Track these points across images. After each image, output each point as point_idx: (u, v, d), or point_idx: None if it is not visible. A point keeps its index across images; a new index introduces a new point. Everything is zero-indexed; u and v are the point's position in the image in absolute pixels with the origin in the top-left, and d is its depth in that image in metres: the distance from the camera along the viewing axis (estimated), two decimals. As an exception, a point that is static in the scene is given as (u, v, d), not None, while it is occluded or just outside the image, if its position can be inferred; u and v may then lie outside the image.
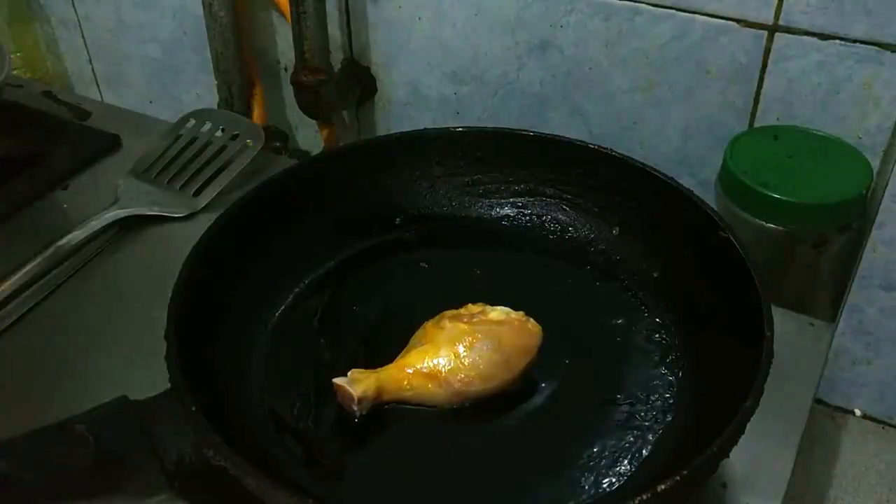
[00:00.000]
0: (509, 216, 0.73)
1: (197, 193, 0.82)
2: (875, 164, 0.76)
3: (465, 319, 0.60)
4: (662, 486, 0.45)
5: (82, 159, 0.87)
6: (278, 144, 1.09)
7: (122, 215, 0.78)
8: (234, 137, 0.86)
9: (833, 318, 0.84)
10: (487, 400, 0.57)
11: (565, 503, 0.51)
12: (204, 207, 0.81)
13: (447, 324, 0.59)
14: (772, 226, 0.73)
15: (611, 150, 0.69)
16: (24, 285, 0.71)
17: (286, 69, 1.06)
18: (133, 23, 1.13)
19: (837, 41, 0.73)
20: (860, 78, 0.74)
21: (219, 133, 0.86)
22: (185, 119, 0.88)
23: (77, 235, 0.75)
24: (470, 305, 0.62)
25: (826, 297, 0.83)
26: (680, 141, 0.85)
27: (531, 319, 0.60)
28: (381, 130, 1.04)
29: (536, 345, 0.59)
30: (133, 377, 0.55)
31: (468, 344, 0.57)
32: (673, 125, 0.85)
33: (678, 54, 0.80)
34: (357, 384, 0.56)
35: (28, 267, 0.71)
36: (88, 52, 1.21)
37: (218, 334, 0.59)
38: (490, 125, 0.79)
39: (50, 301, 0.71)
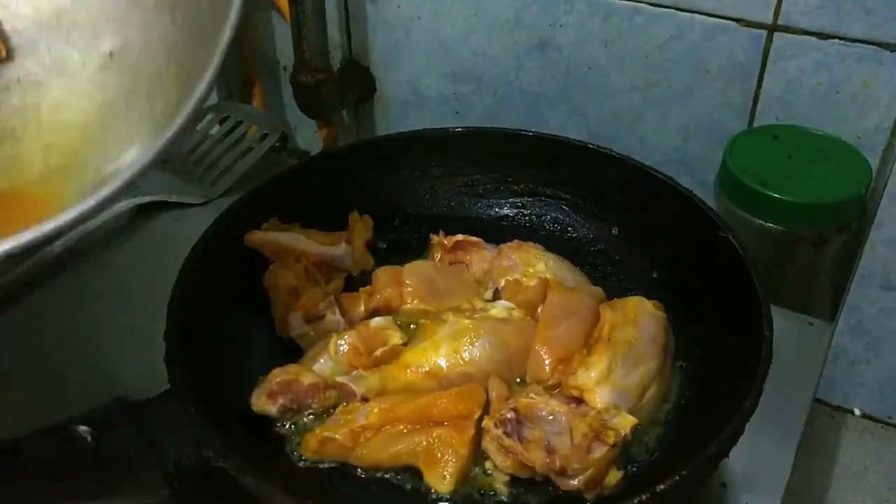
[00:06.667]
0: (509, 216, 0.73)
1: (215, 182, 0.84)
2: (874, 163, 0.76)
3: (468, 314, 0.60)
4: (662, 486, 0.45)
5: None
6: (278, 144, 1.09)
7: (143, 201, 0.80)
8: (251, 129, 0.89)
9: (832, 317, 0.84)
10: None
11: (567, 503, 0.51)
12: (221, 195, 0.83)
13: (449, 317, 0.59)
14: (771, 226, 0.73)
15: (610, 150, 0.69)
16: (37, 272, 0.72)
17: (286, 69, 1.06)
18: (132, 23, 1.13)
19: (836, 41, 0.73)
20: (859, 77, 0.74)
21: (236, 125, 0.89)
22: (204, 112, 0.90)
23: (98, 219, 0.76)
24: (473, 299, 0.62)
25: (825, 296, 0.83)
26: (679, 141, 0.85)
27: (533, 319, 0.60)
28: (381, 130, 1.04)
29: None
30: (133, 377, 0.55)
31: (469, 342, 0.57)
32: (672, 125, 0.85)
33: (677, 54, 0.80)
34: (359, 382, 0.56)
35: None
36: (87, 52, 1.21)
37: (218, 334, 0.59)
38: (490, 125, 0.79)
39: (57, 292, 0.72)
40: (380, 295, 0.63)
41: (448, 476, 0.51)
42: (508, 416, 0.51)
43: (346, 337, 0.58)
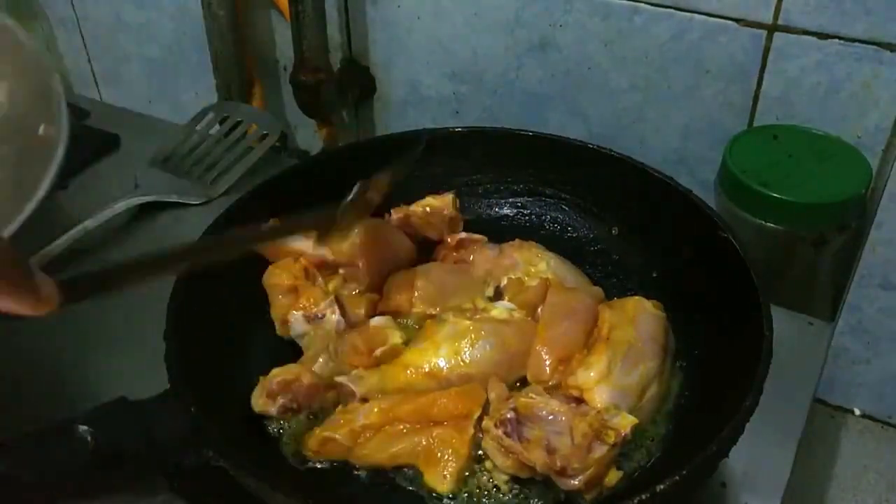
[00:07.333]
0: (508, 216, 0.73)
1: (214, 182, 0.85)
2: (874, 163, 0.76)
3: (469, 314, 0.60)
4: (662, 486, 0.45)
5: (81, 159, 0.87)
6: (278, 144, 1.09)
7: (142, 201, 0.80)
8: (251, 129, 0.89)
9: (832, 317, 0.84)
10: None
11: (567, 503, 0.51)
12: (221, 195, 0.84)
13: (450, 317, 0.59)
14: (771, 225, 0.73)
15: (610, 149, 0.69)
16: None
17: (285, 69, 1.06)
18: (133, 22, 1.13)
19: (837, 41, 0.73)
20: (859, 77, 0.74)
21: (236, 125, 0.90)
22: (204, 112, 0.90)
23: (98, 219, 0.76)
24: (475, 299, 0.62)
25: (825, 296, 0.83)
26: (679, 140, 0.85)
27: (533, 320, 0.60)
28: (381, 130, 1.04)
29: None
30: (133, 377, 0.55)
31: (469, 342, 0.57)
32: (672, 125, 0.85)
33: (677, 54, 0.80)
34: (359, 382, 0.56)
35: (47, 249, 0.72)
36: (87, 52, 1.21)
37: (218, 334, 0.59)
38: (489, 125, 0.79)
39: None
40: (390, 301, 0.63)
41: (448, 476, 0.51)
42: (508, 416, 0.51)
43: (346, 337, 0.58)
